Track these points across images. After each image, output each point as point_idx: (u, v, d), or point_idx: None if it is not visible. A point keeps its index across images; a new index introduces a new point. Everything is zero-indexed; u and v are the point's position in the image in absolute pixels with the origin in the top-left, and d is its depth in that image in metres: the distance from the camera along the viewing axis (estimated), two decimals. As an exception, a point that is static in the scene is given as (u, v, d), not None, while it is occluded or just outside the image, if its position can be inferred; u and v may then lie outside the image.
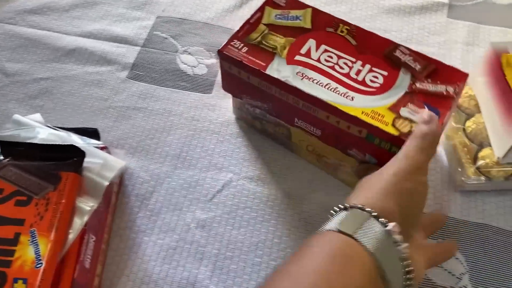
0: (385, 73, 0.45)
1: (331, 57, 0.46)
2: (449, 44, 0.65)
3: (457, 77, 0.45)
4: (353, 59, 0.46)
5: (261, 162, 0.54)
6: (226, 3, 0.70)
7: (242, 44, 0.47)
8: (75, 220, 0.42)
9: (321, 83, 0.44)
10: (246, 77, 0.47)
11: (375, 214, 0.34)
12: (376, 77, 0.45)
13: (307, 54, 0.46)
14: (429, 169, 0.54)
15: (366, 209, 0.34)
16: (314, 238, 0.35)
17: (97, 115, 0.58)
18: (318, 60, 0.46)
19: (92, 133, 0.50)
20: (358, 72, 0.45)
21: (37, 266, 0.38)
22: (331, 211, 0.37)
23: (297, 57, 0.46)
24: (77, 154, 0.44)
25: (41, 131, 0.48)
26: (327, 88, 0.44)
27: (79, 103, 0.59)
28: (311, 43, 0.47)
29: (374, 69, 0.46)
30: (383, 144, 0.42)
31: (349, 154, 0.47)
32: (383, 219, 0.33)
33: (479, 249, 0.48)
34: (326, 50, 0.47)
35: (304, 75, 0.45)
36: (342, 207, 0.36)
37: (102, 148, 0.49)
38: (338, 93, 0.44)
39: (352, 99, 0.43)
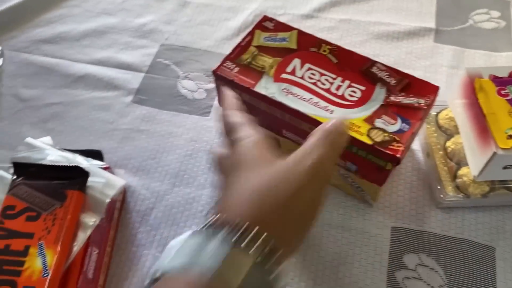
0: (363, 88, 0.49)
1: (314, 74, 0.51)
2: (435, 68, 0.68)
3: (429, 90, 0.49)
4: (334, 76, 0.50)
5: (254, 180, 0.58)
6: (224, 32, 0.74)
7: (234, 65, 0.52)
8: (79, 234, 0.46)
9: (304, 98, 0.49)
10: (238, 94, 0.52)
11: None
12: (354, 92, 0.49)
13: (292, 72, 0.51)
14: (412, 186, 0.57)
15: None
16: None
17: (103, 137, 0.62)
18: (302, 78, 0.50)
19: (96, 154, 0.55)
20: (338, 88, 0.49)
21: (44, 275, 0.42)
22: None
23: (283, 75, 0.51)
24: (81, 174, 0.49)
25: (50, 153, 0.52)
26: (309, 103, 0.48)
27: (86, 126, 0.64)
28: (296, 62, 0.52)
29: (352, 84, 0.50)
30: (360, 152, 0.46)
31: None
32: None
33: (457, 262, 0.51)
34: (309, 68, 0.51)
35: (289, 92, 0.49)
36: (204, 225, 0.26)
37: (105, 168, 0.53)
38: (319, 107, 0.48)
39: (332, 112, 0.47)
